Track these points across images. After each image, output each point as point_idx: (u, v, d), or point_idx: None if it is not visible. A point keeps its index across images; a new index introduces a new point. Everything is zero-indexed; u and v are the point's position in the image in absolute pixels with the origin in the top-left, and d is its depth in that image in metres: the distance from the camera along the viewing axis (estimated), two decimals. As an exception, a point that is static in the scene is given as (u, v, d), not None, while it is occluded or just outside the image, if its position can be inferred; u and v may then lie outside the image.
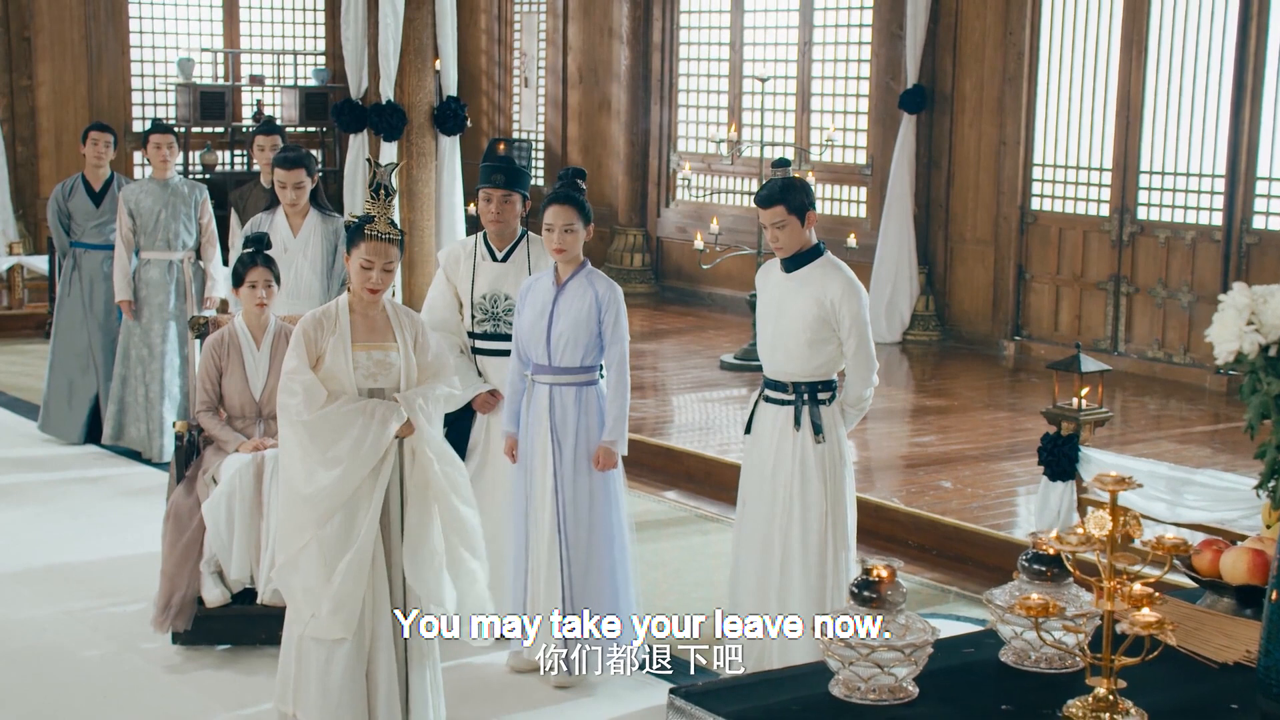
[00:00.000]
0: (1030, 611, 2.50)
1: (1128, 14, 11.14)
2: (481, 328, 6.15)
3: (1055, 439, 7.19)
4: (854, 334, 5.39)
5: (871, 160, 13.02)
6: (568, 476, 5.66)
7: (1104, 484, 2.54)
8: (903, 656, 2.63)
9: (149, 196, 8.81)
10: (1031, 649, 2.87)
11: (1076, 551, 2.52)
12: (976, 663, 2.91)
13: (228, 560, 5.99)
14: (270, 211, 7.53)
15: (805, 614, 5.43)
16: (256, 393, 6.31)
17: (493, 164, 6.17)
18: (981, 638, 3.03)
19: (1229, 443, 9.28)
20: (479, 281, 6.14)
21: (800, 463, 5.44)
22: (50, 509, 7.97)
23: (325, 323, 4.88)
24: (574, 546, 5.66)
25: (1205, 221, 10.85)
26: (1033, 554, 2.94)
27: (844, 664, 2.65)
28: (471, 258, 6.18)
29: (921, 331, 12.42)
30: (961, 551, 7.35)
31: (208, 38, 15.82)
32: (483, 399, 6.12)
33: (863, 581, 2.69)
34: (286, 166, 7.37)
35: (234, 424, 6.32)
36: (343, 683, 4.83)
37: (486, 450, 6.16)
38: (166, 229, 8.81)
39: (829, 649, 2.63)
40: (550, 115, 15.89)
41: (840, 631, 2.59)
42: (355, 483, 4.76)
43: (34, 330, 12.63)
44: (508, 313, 6.09)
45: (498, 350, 6.12)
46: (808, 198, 5.44)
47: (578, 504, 5.67)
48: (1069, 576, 2.85)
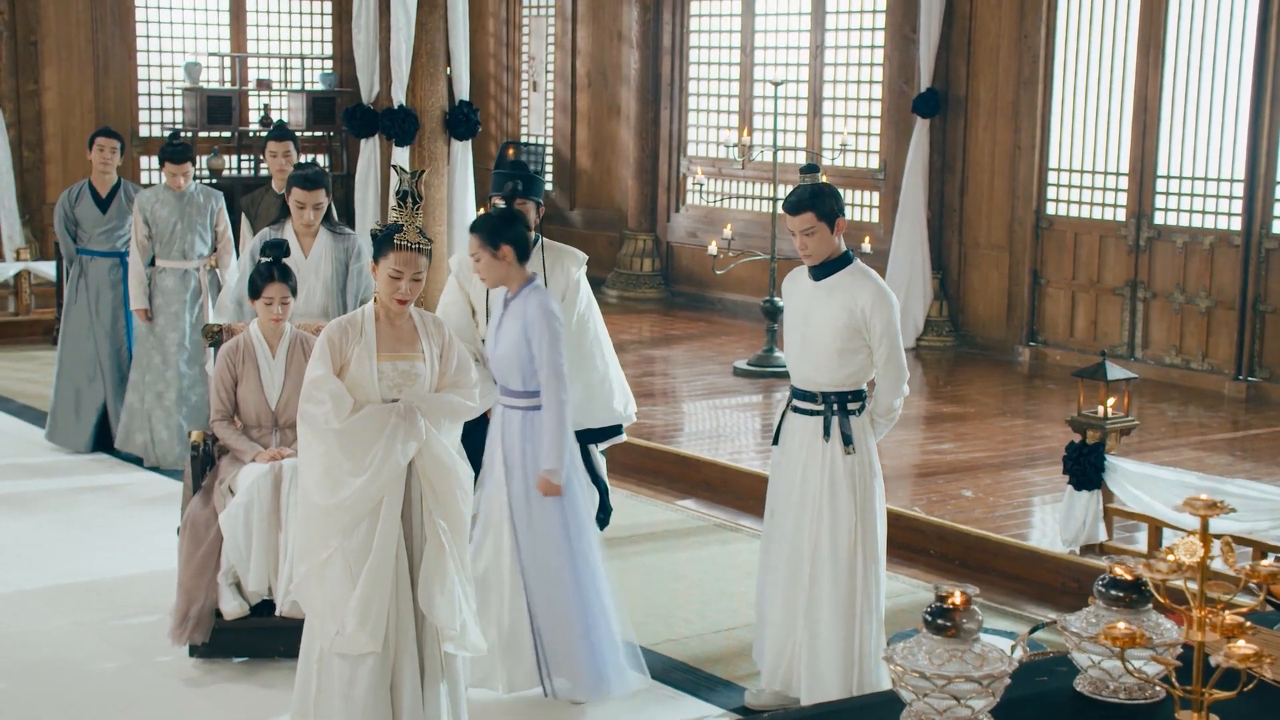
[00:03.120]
0: (1117, 641, 2.40)
1: (1144, 16, 11.05)
2: None
3: (1080, 447, 7.10)
4: (885, 343, 5.30)
5: (884, 164, 12.93)
6: (520, 506, 5.50)
7: (1195, 508, 2.44)
8: (980, 688, 2.52)
9: (164, 206, 8.71)
10: (1110, 678, 2.77)
11: (1167, 580, 2.42)
12: (1050, 692, 2.81)
13: (245, 571, 5.90)
14: (278, 226, 7.22)
15: (834, 628, 5.35)
16: (272, 401, 6.23)
17: (504, 171, 6.07)
18: (1053, 665, 2.93)
19: (1250, 450, 9.19)
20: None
21: (829, 474, 5.35)
22: (61, 518, 7.87)
23: (350, 331, 4.80)
24: (536, 592, 5.47)
25: (1224, 226, 10.76)
26: (1109, 579, 2.83)
27: (918, 695, 2.55)
28: None
29: (935, 337, 12.33)
30: (986, 562, 7.25)
31: (214, 42, 15.74)
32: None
33: (937, 609, 2.58)
34: (306, 187, 7.03)
35: (250, 433, 6.23)
36: (367, 699, 4.75)
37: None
38: (183, 239, 8.72)
39: (902, 680, 2.53)
40: (559, 119, 15.80)
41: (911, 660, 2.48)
42: (383, 490, 4.70)
43: (41, 336, 12.53)
44: None
45: None
46: (837, 204, 5.35)
47: (534, 534, 5.48)
48: (1148, 602, 2.75)
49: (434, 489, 4.82)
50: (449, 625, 4.83)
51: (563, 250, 6.13)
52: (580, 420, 6.00)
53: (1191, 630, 2.44)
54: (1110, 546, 7.07)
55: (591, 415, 6.05)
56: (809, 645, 5.38)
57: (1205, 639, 2.40)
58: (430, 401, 4.81)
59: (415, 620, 4.86)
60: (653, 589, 6.87)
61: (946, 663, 2.45)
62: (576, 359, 5.98)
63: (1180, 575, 2.42)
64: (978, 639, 2.54)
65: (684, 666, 6.00)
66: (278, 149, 8.44)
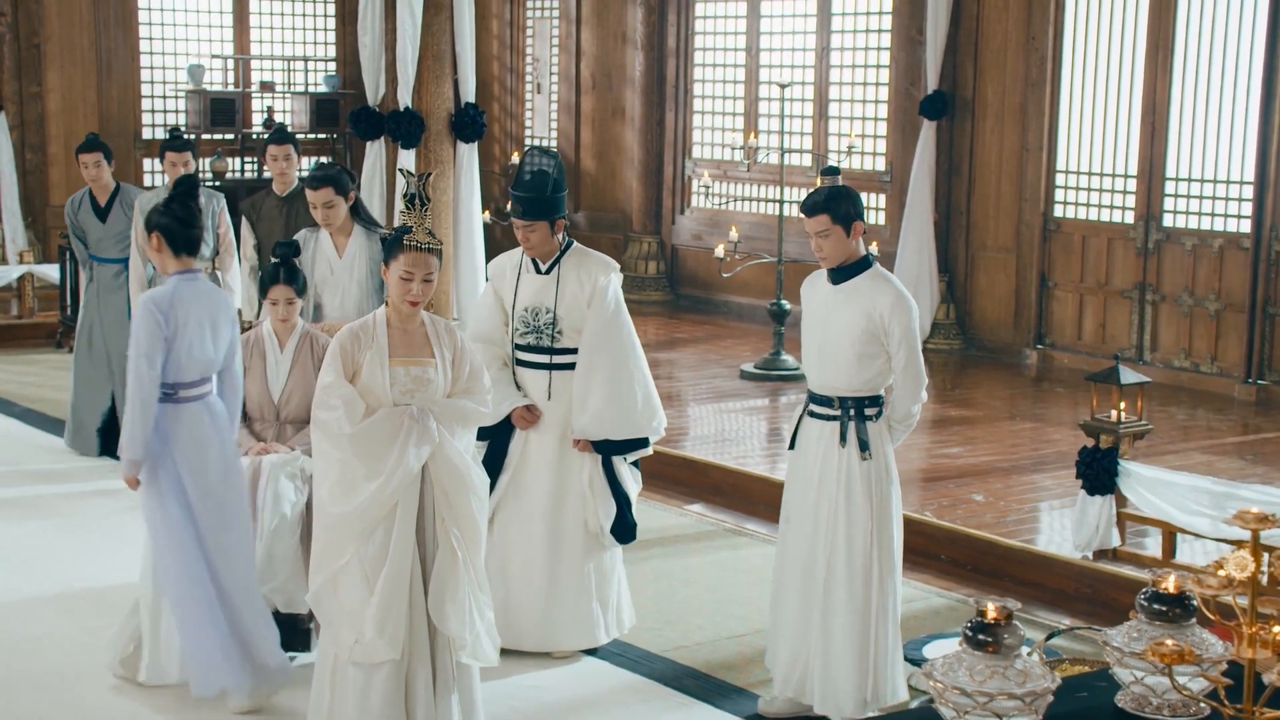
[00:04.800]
0: (1165, 659, 2.34)
1: (1153, 17, 10.99)
2: (524, 340, 6.03)
3: (1094, 452, 7.05)
4: (903, 348, 5.25)
5: (891, 167, 12.88)
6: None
7: (1245, 521, 2.38)
8: (1023, 705, 2.47)
9: None
10: (1153, 695, 2.71)
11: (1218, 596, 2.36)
12: (1092, 708, 2.75)
13: None
14: (315, 230, 7.13)
15: (848, 635, 5.30)
16: (275, 395, 6.24)
17: (514, 194, 6.01)
18: (1092, 680, 2.87)
19: (1261, 454, 9.14)
20: (521, 294, 6.02)
21: (845, 480, 5.30)
22: (69, 523, 7.82)
23: (362, 336, 4.78)
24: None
25: (1233, 229, 10.71)
26: (1152, 593, 2.77)
27: (959, 713, 2.49)
28: (516, 269, 6.07)
29: (942, 340, 12.27)
30: (998, 567, 7.20)
31: (218, 44, 15.69)
32: (520, 413, 5.97)
33: (977, 624, 2.53)
34: (312, 185, 6.97)
35: (253, 426, 6.25)
36: (382, 709, 4.72)
37: (522, 466, 6.02)
38: None
39: (943, 696, 2.47)
40: (563, 121, 15.75)
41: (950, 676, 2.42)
42: (397, 494, 4.67)
43: (44, 340, 12.49)
44: (549, 325, 5.96)
45: (537, 363, 6.01)
46: (853, 207, 5.30)
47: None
48: (1191, 616, 2.69)
49: (447, 494, 4.79)
50: (459, 635, 4.80)
51: (589, 257, 6.07)
52: (594, 430, 5.94)
53: (1242, 647, 2.38)
54: (1124, 552, 7.02)
55: (608, 426, 5.97)
56: (823, 652, 5.34)
57: (1256, 656, 2.35)
58: (443, 407, 4.79)
59: (429, 629, 4.82)
60: (664, 595, 6.83)
61: (988, 679, 2.40)
62: (593, 369, 5.92)
63: (1232, 591, 2.36)
64: (1019, 655, 2.49)
65: (696, 673, 5.95)
66: (278, 153, 8.32)
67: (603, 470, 5.99)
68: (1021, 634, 2.54)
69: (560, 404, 5.98)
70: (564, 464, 6.00)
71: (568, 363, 5.98)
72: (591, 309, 5.95)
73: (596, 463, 5.99)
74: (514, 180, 6.06)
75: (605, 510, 5.99)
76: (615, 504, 6.01)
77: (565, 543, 6.02)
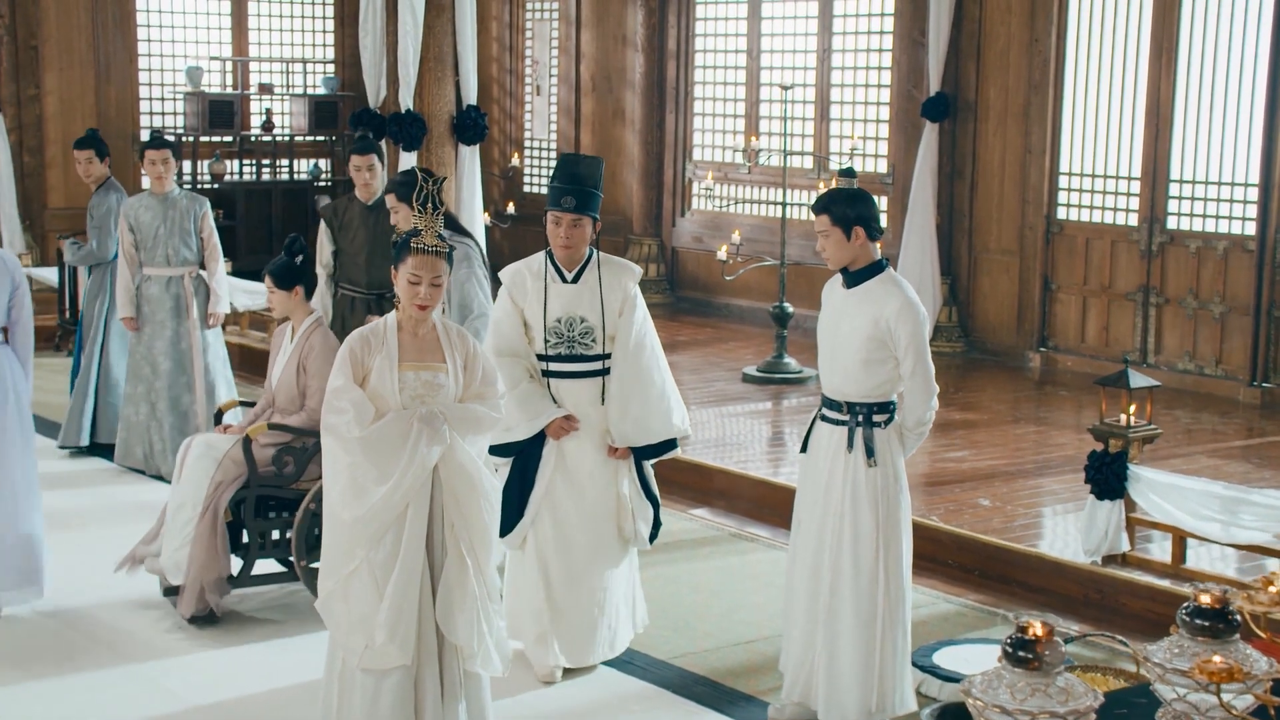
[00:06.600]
0: (1213, 677, 2.30)
1: (1157, 18, 10.96)
2: (556, 350, 5.85)
3: (1103, 456, 7.01)
4: (910, 354, 5.18)
5: (893, 169, 12.84)
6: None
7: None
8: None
9: (148, 211, 8.60)
10: (1195, 712, 2.66)
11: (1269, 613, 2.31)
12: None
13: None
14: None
15: (854, 641, 5.25)
16: (274, 379, 6.43)
17: (562, 185, 5.77)
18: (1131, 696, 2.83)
19: (1267, 457, 9.10)
20: (552, 305, 5.82)
21: (852, 486, 5.25)
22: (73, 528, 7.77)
23: (372, 340, 4.75)
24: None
25: (1238, 231, 10.67)
26: (1194, 607, 2.71)
27: (999, 732, 2.45)
28: (541, 280, 5.85)
29: (945, 343, 12.23)
30: (1006, 573, 7.15)
31: (216, 46, 15.65)
32: (557, 425, 5.80)
33: (1018, 640, 2.48)
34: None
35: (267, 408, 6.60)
36: (390, 715, 4.69)
37: (559, 477, 5.89)
38: (166, 244, 8.60)
39: (982, 715, 2.42)
40: (563, 124, 15.70)
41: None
42: (407, 497, 4.64)
43: (43, 344, 12.41)
44: (584, 335, 5.83)
45: (573, 372, 5.86)
46: (854, 211, 5.21)
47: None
48: (1235, 632, 2.64)
49: (457, 499, 4.75)
50: (468, 645, 4.75)
51: (618, 264, 5.97)
52: (637, 436, 5.87)
53: (1292, 665, 2.34)
54: (1133, 558, 6.98)
55: (649, 431, 5.91)
56: (827, 657, 5.29)
57: (1307, 675, 2.30)
58: (454, 411, 4.74)
59: (437, 635, 4.77)
60: (671, 601, 6.78)
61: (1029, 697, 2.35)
62: (634, 375, 5.86)
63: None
64: (1061, 672, 2.44)
65: (705, 680, 5.90)
66: (361, 163, 7.99)
67: (636, 475, 5.94)
68: (1063, 650, 2.49)
69: (603, 410, 5.88)
70: (604, 472, 5.91)
71: (607, 369, 5.88)
72: (623, 317, 5.84)
73: (632, 468, 5.94)
74: (558, 172, 5.84)
75: (644, 515, 5.94)
76: (650, 506, 5.98)
77: (608, 552, 5.94)
